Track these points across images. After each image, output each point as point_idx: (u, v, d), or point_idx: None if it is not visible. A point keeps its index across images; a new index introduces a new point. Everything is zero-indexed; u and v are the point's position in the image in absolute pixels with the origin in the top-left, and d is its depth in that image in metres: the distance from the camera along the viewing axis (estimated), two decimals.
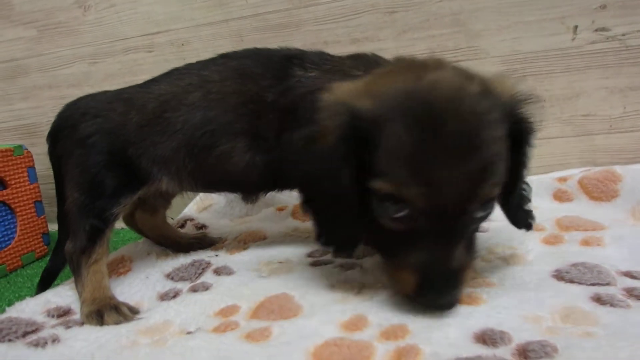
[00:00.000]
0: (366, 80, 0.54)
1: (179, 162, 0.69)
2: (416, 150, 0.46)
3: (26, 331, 0.57)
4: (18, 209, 1.01)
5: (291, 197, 1.04)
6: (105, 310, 0.60)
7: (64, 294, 0.68)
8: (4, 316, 0.60)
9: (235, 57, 0.72)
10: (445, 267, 0.49)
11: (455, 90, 0.48)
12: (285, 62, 0.69)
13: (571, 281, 0.57)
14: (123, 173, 0.67)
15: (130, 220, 0.84)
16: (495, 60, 1.00)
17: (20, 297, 0.67)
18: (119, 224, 0.84)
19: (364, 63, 0.66)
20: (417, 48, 1.03)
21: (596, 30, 0.94)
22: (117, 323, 0.59)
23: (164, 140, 0.68)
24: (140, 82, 0.75)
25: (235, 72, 0.70)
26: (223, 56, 0.73)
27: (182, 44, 1.15)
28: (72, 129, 0.69)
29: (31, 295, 0.68)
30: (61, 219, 0.74)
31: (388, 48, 1.04)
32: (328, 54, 0.71)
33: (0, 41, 1.26)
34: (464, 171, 0.46)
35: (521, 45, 0.98)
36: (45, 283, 0.75)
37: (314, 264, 0.71)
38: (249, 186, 0.73)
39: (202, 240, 0.86)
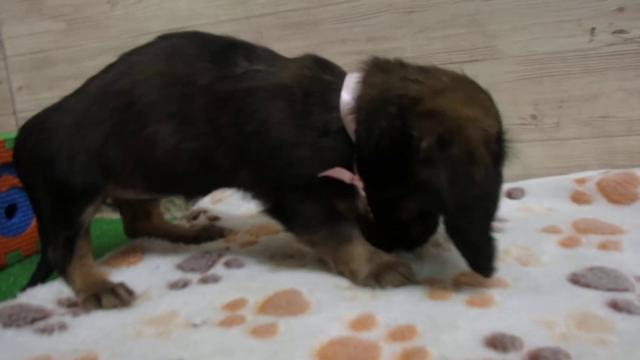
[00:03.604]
0: (465, 97, 0.59)
1: (110, 152, 0.67)
2: None
3: (35, 317, 0.58)
4: None
5: None
6: (102, 294, 0.61)
7: None
8: (15, 302, 0.61)
9: (171, 37, 0.71)
10: None
11: None
12: (228, 48, 0.67)
13: (587, 286, 0.55)
14: (75, 181, 0.67)
15: (133, 234, 0.85)
16: (511, 60, 0.99)
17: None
18: None
19: (328, 67, 0.65)
20: (434, 47, 1.02)
21: (614, 32, 0.93)
22: (115, 306, 0.59)
23: (95, 133, 0.67)
24: None
25: (164, 52, 0.68)
26: (161, 37, 0.72)
27: None
28: (28, 153, 0.71)
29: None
30: (40, 226, 0.76)
31: (405, 47, 1.04)
32: (276, 53, 0.70)
33: (31, 33, 1.30)
34: None
35: (538, 46, 0.97)
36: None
37: None
38: (180, 178, 0.69)
39: (210, 231, 0.86)
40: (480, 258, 0.56)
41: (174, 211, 1.16)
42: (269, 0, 1.10)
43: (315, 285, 0.61)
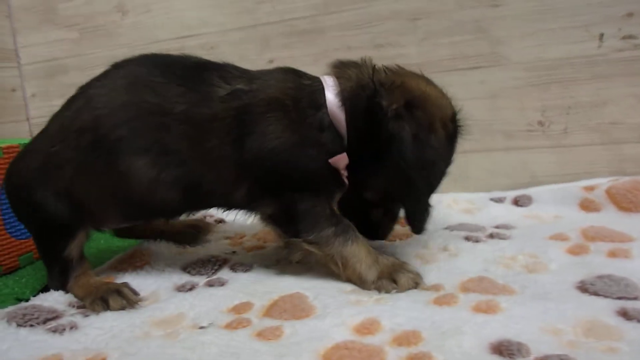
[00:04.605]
0: (437, 92, 0.69)
1: (80, 191, 0.66)
2: (451, 162, 0.71)
3: (47, 318, 0.59)
4: None
5: None
6: (108, 295, 0.62)
7: None
8: (28, 303, 0.63)
9: (127, 64, 0.69)
10: None
11: None
12: (196, 70, 0.67)
13: (596, 294, 0.55)
14: (51, 221, 0.67)
15: (122, 234, 0.85)
16: (518, 66, 0.99)
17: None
18: None
19: (303, 74, 0.70)
20: (439, 54, 1.03)
21: (623, 37, 0.93)
22: (122, 307, 0.61)
23: (61, 174, 0.66)
24: None
25: (124, 82, 0.66)
26: (114, 66, 0.69)
27: (211, 47, 1.19)
28: (10, 198, 0.72)
29: None
30: None
31: (410, 53, 1.04)
32: (244, 68, 0.70)
33: (44, 42, 1.33)
34: None
35: (545, 52, 0.97)
36: None
37: None
38: (159, 206, 0.68)
39: (196, 227, 0.88)
40: (421, 220, 0.65)
41: None
42: (276, 9, 1.12)
43: (321, 290, 0.61)
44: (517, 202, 0.93)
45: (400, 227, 0.87)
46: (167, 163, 0.64)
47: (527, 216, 0.87)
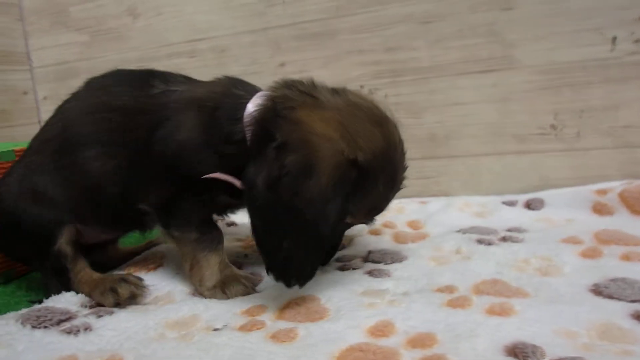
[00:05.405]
0: (338, 118, 0.58)
1: (58, 190, 0.70)
2: (381, 201, 0.64)
3: (61, 319, 0.59)
4: None
5: None
6: (116, 285, 0.64)
7: None
8: (41, 305, 0.64)
9: (96, 78, 0.74)
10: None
11: (403, 156, 0.64)
12: (145, 75, 0.72)
13: (610, 297, 0.55)
14: (38, 219, 0.69)
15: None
16: (530, 69, 0.99)
17: None
18: None
19: (240, 84, 0.69)
20: (451, 57, 1.03)
21: (635, 41, 0.92)
22: (132, 294, 0.63)
23: (42, 178, 0.70)
24: None
25: (91, 91, 0.73)
26: (87, 82, 0.75)
27: (222, 50, 1.19)
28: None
29: None
30: None
31: (422, 57, 1.04)
32: (194, 78, 0.74)
33: (55, 45, 1.35)
34: None
35: (557, 56, 0.97)
36: None
37: (342, 269, 0.71)
38: (115, 208, 0.71)
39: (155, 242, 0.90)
40: (278, 272, 0.58)
41: None
42: (287, 12, 1.12)
43: (333, 292, 0.61)
44: (529, 205, 0.92)
45: (413, 230, 0.88)
46: (108, 154, 0.69)
47: (539, 219, 0.87)
